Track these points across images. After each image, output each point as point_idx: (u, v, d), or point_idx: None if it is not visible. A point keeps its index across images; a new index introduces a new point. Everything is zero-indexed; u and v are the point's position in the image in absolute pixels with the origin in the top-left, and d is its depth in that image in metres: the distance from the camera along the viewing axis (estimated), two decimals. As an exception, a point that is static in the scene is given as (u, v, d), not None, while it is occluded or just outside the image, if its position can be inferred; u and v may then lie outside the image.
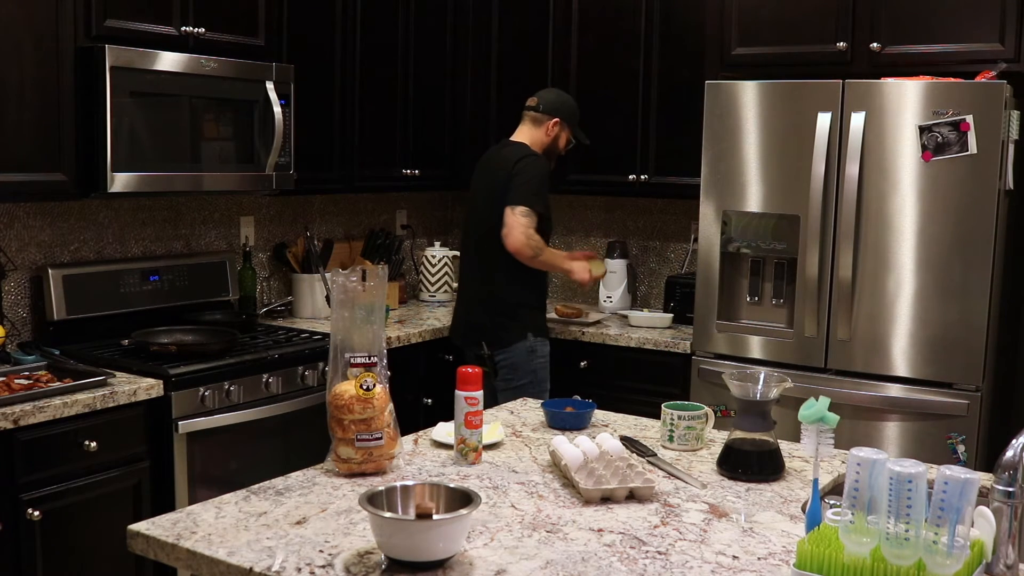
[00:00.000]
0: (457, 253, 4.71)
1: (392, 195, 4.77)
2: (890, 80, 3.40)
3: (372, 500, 1.70)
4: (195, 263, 3.82)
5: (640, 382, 3.92)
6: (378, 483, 2.04)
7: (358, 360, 2.11)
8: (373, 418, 2.09)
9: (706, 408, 2.45)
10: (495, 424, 2.43)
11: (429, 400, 4.05)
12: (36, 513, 2.74)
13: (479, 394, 2.21)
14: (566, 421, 2.54)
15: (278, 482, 2.08)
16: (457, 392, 2.21)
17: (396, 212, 4.83)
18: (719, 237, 3.71)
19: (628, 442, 2.38)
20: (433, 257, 4.67)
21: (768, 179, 3.59)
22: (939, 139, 3.28)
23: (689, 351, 3.84)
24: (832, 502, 1.81)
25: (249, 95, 3.53)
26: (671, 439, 2.40)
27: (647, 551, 1.76)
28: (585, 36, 4.36)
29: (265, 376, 3.37)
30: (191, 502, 2.96)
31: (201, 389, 3.17)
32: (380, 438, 2.10)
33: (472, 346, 3.78)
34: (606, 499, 2.00)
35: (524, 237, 3.61)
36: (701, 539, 1.82)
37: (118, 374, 3.06)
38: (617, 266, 4.47)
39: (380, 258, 4.50)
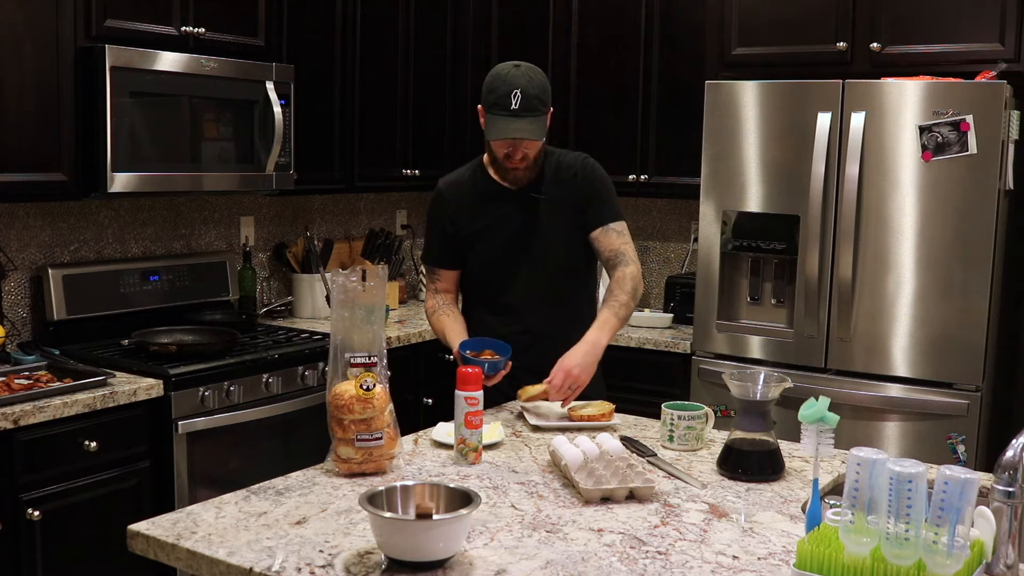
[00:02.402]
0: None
1: (392, 195, 4.76)
2: (890, 80, 3.40)
3: (372, 500, 1.70)
4: (195, 263, 3.82)
5: (640, 382, 3.92)
6: (378, 483, 2.04)
7: (358, 360, 2.11)
8: (373, 418, 2.09)
9: (706, 408, 2.44)
10: (495, 424, 2.43)
11: (429, 400, 4.04)
12: (36, 513, 2.74)
13: (479, 394, 2.22)
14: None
15: (278, 482, 2.08)
16: (457, 392, 2.21)
17: (396, 212, 4.83)
18: (719, 237, 3.71)
19: (628, 442, 2.38)
20: (433, 257, 4.66)
21: (768, 179, 3.59)
22: (939, 139, 3.28)
23: (689, 351, 3.84)
24: (832, 502, 1.81)
25: (249, 95, 3.53)
26: (671, 439, 2.40)
27: (647, 551, 1.76)
28: (585, 36, 4.36)
29: (265, 376, 3.37)
30: (191, 502, 2.96)
31: (201, 389, 3.17)
32: (380, 438, 2.10)
33: None
34: (606, 499, 2.00)
35: None
36: (701, 539, 1.82)
37: (118, 374, 3.06)
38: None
39: (380, 258, 4.50)
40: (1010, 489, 1.58)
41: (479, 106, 2.70)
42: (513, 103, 2.57)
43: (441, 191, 2.90)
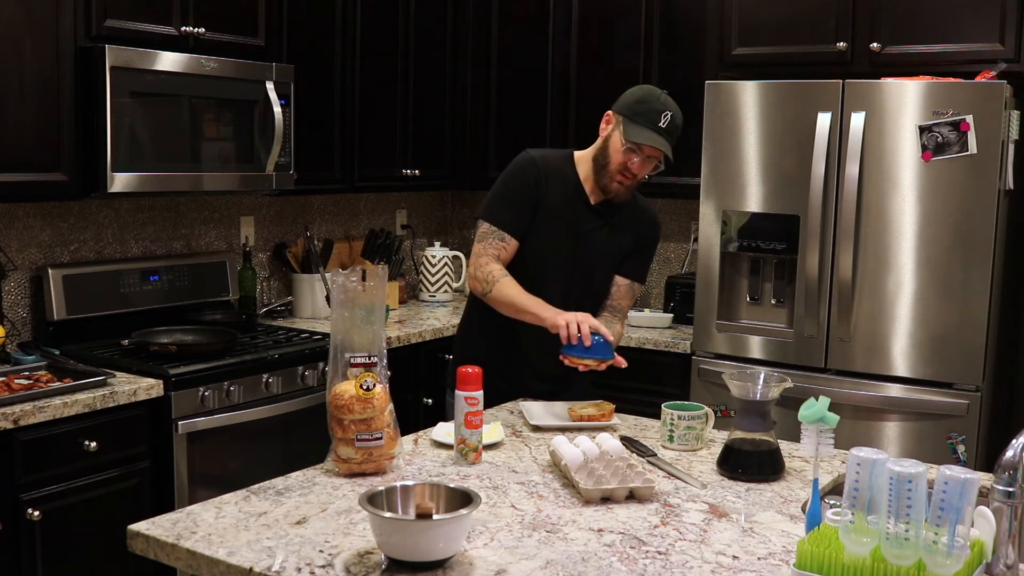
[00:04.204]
0: (458, 253, 4.72)
1: (392, 195, 4.76)
2: (890, 80, 3.40)
3: (372, 500, 1.70)
4: (195, 263, 3.82)
5: (640, 382, 3.91)
6: (378, 483, 2.04)
7: (358, 360, 2.11)
8: (373, 418, 2.08)
9: (706, 408, 2.45)
10: (495, 424, 2.43)
11: (429, 400, 4.04)
12: (36, 513, 2.74)
13: (479, 394, 2.21)
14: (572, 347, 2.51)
15: (278, 482, 2.08)
16: (457, 392, 2.21)
17: (396, 212, 4.83)
18: (719, 237, 3.71)
19: (628, 442, 2.38)
20: (433, 257, 4.66)
21: (768, 179, 3.59)
22: (939, 139, 3.28)
23: (689, 351, 3.84)
24: (832, 502, 1.81)
25: (249, 95, 3.53)
26: (671, 439, 2.40)
27: (647, 551, 1.76)
28: (585, 36, 4.36)
29: (265, 376, 3.37)
30: (191, 502, 2.96)
31: (201, 389, 3.17)
32: (380, 438, 2.10)
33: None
34: (606, 499, 2.00)
35: None
36: (701, 539, 1.82)
37: (118, 374, 3.06)
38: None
39: (380, 258, 4.50)
40: (1010, 489, 1.58)
41: (608, 112, 2.78)
42: (662, 121, 2.71)
43: (535, 159, 2.86)
